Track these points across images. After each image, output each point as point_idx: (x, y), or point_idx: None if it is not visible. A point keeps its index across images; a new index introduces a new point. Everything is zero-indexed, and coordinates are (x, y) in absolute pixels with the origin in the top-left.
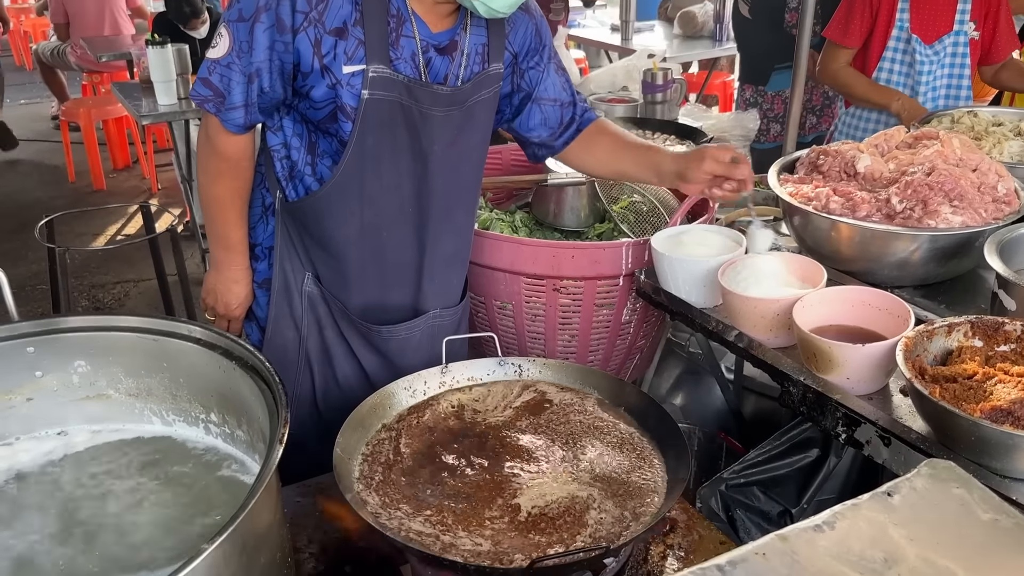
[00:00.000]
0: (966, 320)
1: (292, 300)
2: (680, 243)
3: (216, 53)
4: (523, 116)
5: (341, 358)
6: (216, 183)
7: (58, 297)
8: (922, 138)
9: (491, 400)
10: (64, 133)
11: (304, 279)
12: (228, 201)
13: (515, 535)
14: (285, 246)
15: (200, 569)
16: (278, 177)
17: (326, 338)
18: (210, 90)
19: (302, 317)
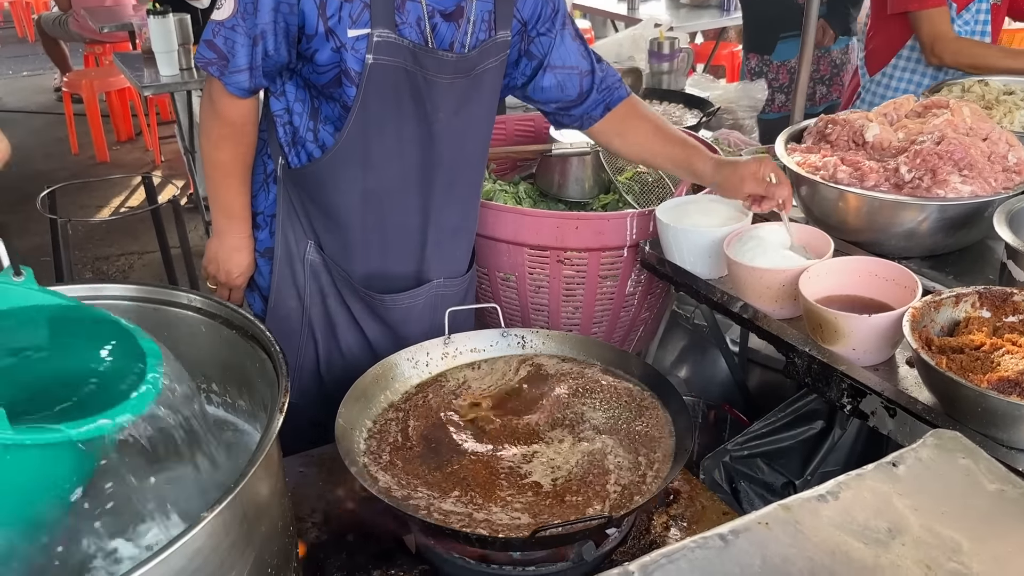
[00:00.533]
0: (974, 291)
1: (295, 269)
2: (685, 213)
3: (221, 15)
4: (535, 82)
5: (344, 327)
6: (219, 148)
7: (61, 269)
8: (932, 107)
9: (494, 376)
10: (67, 105)
11: (307, 247)
12: (231, 167)
13: (551, 502)
14: (287, 214)
15: (199, 537)
16: (280, 143)
17: (329, 307)
18: (214, 52)
19: (305, 286)
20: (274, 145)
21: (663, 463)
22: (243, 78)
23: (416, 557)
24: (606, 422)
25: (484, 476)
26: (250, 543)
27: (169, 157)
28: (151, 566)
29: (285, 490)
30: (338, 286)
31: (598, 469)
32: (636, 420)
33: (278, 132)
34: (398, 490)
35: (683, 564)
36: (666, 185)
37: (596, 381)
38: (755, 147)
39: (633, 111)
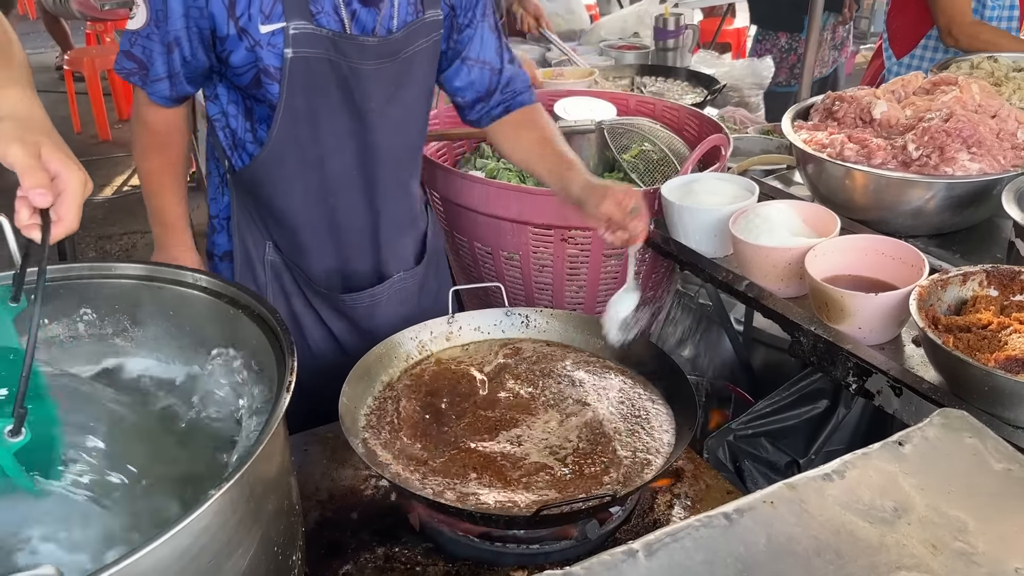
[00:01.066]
0: (981, 269)
1: (255, 271)
2: (691, 192)
3: (135, 24)
4: (449, 73)
5: (311, 326)
6: (146, 158)
7: (64, 248)
8: (940, 84)
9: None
10: (68, 83)
11: (265, 249)
12: (160, 176)
13: (571, 477)
14: (242, 216)
15: (207, 515)
16: (223, 147)
17: (293, 306)
18: (133, 62)
19: (267, 287)
20: (219, 148)
21: (667, 442)
22: (164, 87)
23: (420, 535)
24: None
25: (494, 457)
26: (257, 521)
27: None
28: (157, 544)
29: (291, 468)
30: (300, 285)
31: (602, 438)
32: (639, 400)
33: (219, 136)
34: (401, 469)
35: (687, 543)
36: (671, 163)
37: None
38: (761, 125)
39: (532, 119)
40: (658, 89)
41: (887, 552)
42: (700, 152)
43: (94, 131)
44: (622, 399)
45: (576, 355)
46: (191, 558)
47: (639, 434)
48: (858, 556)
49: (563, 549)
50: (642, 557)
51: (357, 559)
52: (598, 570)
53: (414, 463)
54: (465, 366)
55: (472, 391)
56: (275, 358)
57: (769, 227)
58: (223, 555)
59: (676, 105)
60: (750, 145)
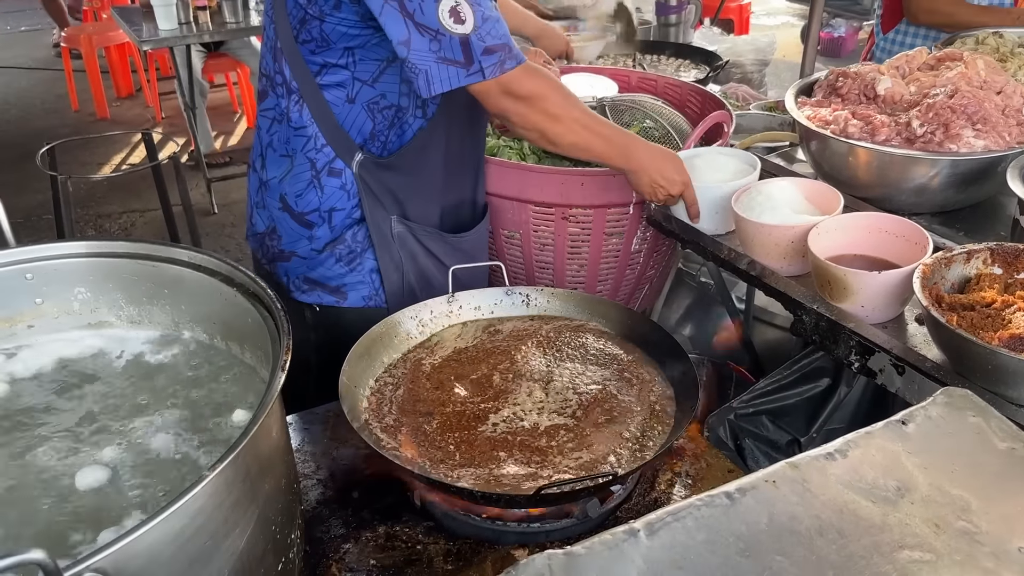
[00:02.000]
0: (985, 247)
1: (390, 248)
2: (693, 167)
3: (468, 23)
4: None
5: (434, 273)
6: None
7: (62, 226)
8: (945, 59)
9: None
10: (66, 61)
11: (391, 223)
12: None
13: (572, 453)
14: (370, 201)
15: (202, 496)
16: (365, 133)
17: (420, 263)
18: (497, 52)
19: (399, 257)
20: (340, 140)
21: (668, 421)
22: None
23: (421, 513)
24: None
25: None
26: (254, 501)
27: (170, 114)
28: (152, 525)
29: (289, 447)
30: (422, 240)
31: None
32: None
33: (364, 121)
34: (402, 449)
35: (689, 522)
36: (673, 140)
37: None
38: (764, 101)
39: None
40: (660, 65)
41: (890, 531)
42: (703, 129)
43: (92, 109)
44: (622, 377)
45: (577, 332)
46: (186, 539)
47: (640, 413)
48: (861, 535)
49: (564, 527)
50: (643, 536)
51: (358, 537)
52: (599, 549)
53: (414, 441)
54: (464, 344)
55: (472, 369)
56: (270, 337)
57: (772, 205)
58: (220, 535)
59: (678, 81)
60: (752, 122)
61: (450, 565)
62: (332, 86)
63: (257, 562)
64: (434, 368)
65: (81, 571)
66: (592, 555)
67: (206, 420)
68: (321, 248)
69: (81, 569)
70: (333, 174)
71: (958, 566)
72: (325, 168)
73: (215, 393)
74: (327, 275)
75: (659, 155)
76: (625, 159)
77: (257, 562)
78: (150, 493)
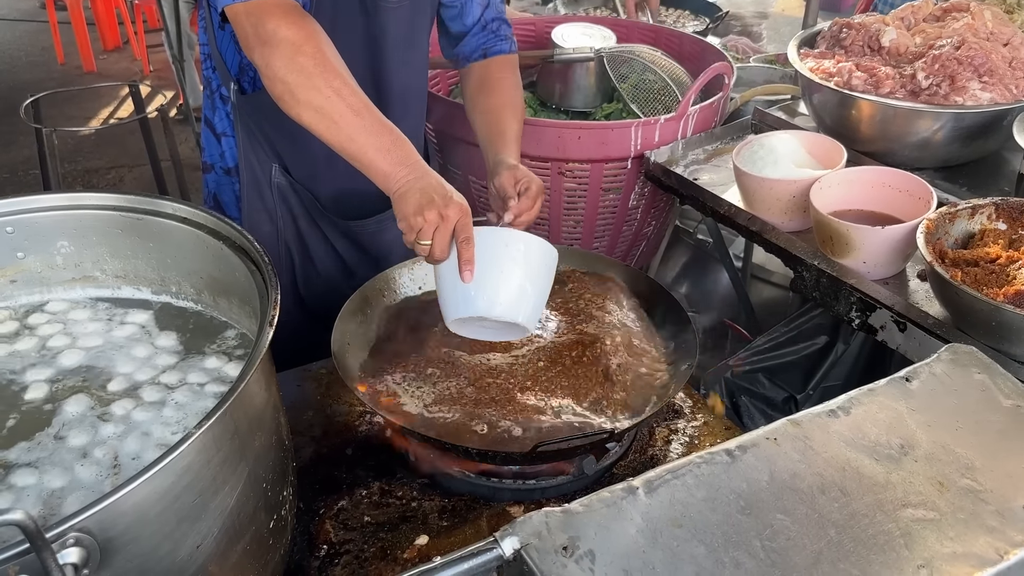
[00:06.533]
0: (990, 202)
1: (263, 192)
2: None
3: None
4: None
5: (318, 248)
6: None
7: (48, 181)
8: (951, 10)
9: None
10: (50, 12)
11: (272, 170)
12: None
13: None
14: (247, 137)
15: (188, 453)
16: (230, 69)
17: (301, 228)
18: None
19: (275, 208)
20: (223, 71)
21: (666, 378)
22: None
23: (415, 470)
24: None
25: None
26: (243, 458)
27: (158, 67)
28: (138, 483)
29: (280, 404)
30: (307, 208)
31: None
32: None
33: (227, 58)
34: (395, 406)
35: (689, 480)
36: (673, 93)
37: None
38: (764, 54)
39: (496, 80)
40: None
41: (893, 489)
42: (703, 81)
43: (78, 62)
44: (620, 335)
45: (574, 287)
46: (174, 497)
47: (637, 370)
48: (864, 493)
49: (559, 484)
50: (642, 494)
51: (352, 495)
52: (597, 507)
53: (408, 398)
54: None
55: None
56: (258, 292)
57: (773, 158)
58: (208, 493)
59: (678, 32)
60: (753, 75)
61: (445, 522)
62: (213, 8)
63: (248, 519)
64: (429, 323)
65: (65, 531)
66: (590, 513)
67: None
68: (224, 169)
69: (65, 528)
70: (223, 100)
71: (962, 524)
72: (217, 91)
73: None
74: (225, 200)
75: (430, 177)
76: (389, 157)
77: (248, 519)
78: None
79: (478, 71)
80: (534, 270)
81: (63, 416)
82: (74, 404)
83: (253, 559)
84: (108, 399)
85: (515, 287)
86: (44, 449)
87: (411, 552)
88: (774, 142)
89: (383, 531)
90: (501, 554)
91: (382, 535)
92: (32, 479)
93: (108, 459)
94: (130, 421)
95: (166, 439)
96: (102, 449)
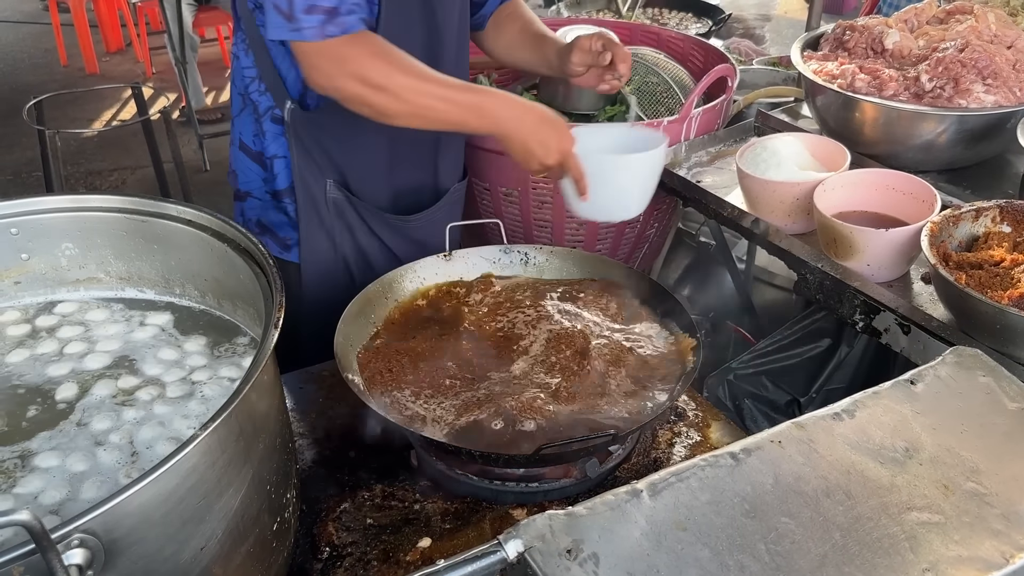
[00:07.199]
0: (995, 205)
1: (319, 210)
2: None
3: None
4: None
5: (377, 255)
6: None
7: (51, 182)
8: (955, 12)
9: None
10: (53, 14)
11: (327, 186)
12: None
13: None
14: (302, 156)
15: (193, 455)
16: (289, 86)
17: (358, 239)
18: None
19: (332, 224)
20: (279, 90)
21: (669, 381)
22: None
23: (418, 472)
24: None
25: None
26: (247, 460)
27: (160, 69)
28: (143, 485)
29: (284, 406)
30: (364, 217)
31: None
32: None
33: (286, 74)
34: (396, 408)
35: (693, 482)
36: (675, 95)
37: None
38: (767, 56)
39: (512, 12)
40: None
41: (898, 493)
42: (706, 83)
43: (81, 64)
44: (623, 336)
45: (577, 290)
46: (179, 499)
47: (640, 372)
48: (868, 497)
49: (562, 487)
50: (646, 497)
51: (355, 497)
52: (601, 510)
53: (409, 400)
54: (460, 302)
55: (471, 326)
56: (263, 294)
57: (777, 161)
58: (213, 495)
59: (680, 35)
60: (756, 77)
61: (448, 524)
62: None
63: (252, 522)
64: (431, 326)
65: (70, 531)
66: (594, 515)
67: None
68: (271, 193)
69: (70, 530)
70: (275, 120)
71: (967, 528)
72: (267, 113)
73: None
74: (275, 223)
75: (530, 116)
76: (482, 120)
77: (252, 522)
78: None
79: (493, 21)
80: (642, 178)
81: (86, 402)
82: (100, 388)
83: (256, 561)
84: (132, 390)
85: (625, 199)
86: (65, 435)
87: (414, 554)
88: (777, 144)
89: (385, 533)
90: (505, 557)
91: (384, 537)
92: (55, 461)
93: (126, 445)
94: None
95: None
96: (121, 435)
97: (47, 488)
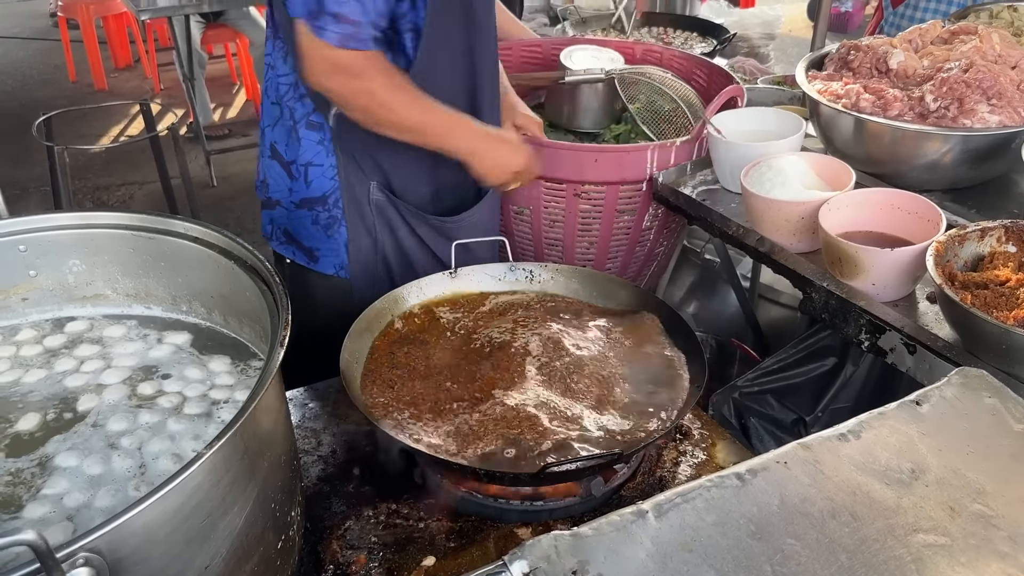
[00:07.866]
0: (1000, 224)
1: (363, 212)
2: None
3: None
4: None
5: (419, 255)
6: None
7: (59, 198)
8: (959, 33)
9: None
10: (62, 30)
11: (370, 189)
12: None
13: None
14: (347, 161)
15: (199, 473)
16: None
17: (401, 241)
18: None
19: (374, 225)
20: (320, 99)
21: (674, 399)
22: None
23: (423, 490)
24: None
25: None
26: (252, 478)
27: (168, 85)
28: (148, 504)
29: (289, 423)
30: (406, 218)
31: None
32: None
33: None
34: (401, 425)
35: (699, 503)
36: (683, 114)
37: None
38: (771, 75)
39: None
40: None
41: (904, 514)
42: (718, 103)
43: (89, 80)
44: (628, 354)
45: (579, 308)
46: (184, 517)
47: (645, 389)
48: (874, 518)
49: (567, 506)
50: (652, 518)
51: (359, 514)
52: (607, 530)
53: (413, 418)
54: (465, 320)
55: (474, 344)
56: (268, 311)
57: (782, 180)
58: (218, 513)
59: (685, 54)
60: (761, 96)
61: (452, 543)
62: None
63: (256, 540)
64: (436, 343)
65: (75, 551)
66: (600, 536)
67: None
68: (299, 202)
69: (75, 549)
70: (312, 127)
71: (973, 550)
72: (304, 120)
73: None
74: (303, 233)
75: (486, 140)
76: (448, 142)
77: (256, 540)
78: None
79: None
80: None
81: (101, 404)
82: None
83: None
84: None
85: None
86: (80, 436)
87: (418, 573)
88: (782, 164)
89: (390, 551)
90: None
91: (389, 556)
92: (74, 461)
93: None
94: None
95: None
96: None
97: (72, 490)
